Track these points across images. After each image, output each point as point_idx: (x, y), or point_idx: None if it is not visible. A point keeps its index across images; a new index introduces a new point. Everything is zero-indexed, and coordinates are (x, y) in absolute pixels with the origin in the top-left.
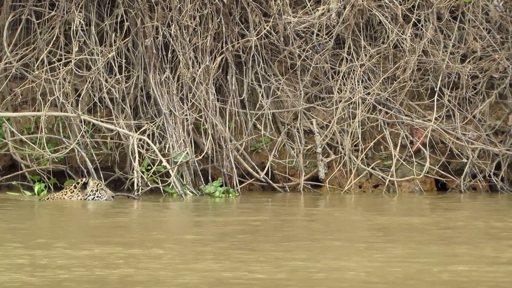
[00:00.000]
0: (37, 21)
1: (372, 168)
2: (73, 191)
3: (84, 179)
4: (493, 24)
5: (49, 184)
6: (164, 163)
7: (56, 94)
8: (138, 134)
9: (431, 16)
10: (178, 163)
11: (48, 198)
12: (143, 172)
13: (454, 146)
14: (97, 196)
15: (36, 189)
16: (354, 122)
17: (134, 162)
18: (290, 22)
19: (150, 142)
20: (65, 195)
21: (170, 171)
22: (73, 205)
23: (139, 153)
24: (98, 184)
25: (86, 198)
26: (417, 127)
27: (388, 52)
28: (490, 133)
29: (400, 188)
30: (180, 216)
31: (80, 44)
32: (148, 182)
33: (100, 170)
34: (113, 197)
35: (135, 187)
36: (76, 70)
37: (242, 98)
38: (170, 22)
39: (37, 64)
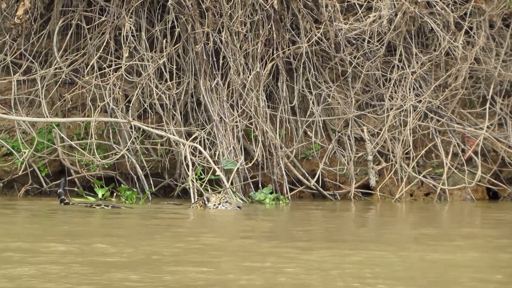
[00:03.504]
0: (87, 27)
1: (424, 176)
2: (201, 205)
3: (205, 196)
4: None
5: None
6: (218, 172)
7: (106, 100)
8: (190, 141)
9: (483, 23)
10: (233, 172)
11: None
12: (196, 180)
13: (506, 154)
14: (221, 209)
15: (100, 194)
16: (406, 129)
17: (188, 169)
18: (341, 29)
19: (202, 149)
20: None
21: (224, 179)
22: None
23: (190, 160)
24: (221, 198)
25: None
26: (469, 135)
27: (440, 60)
28: None
29: (451, 196)
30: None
31: (131, 49)
32: (202, 191)
33: (150, 176)
34: (239, 207)
35: (192, 196)
36: (126, 76)
37: (292, 105)
38: (221, 28)
39: (87, 69)
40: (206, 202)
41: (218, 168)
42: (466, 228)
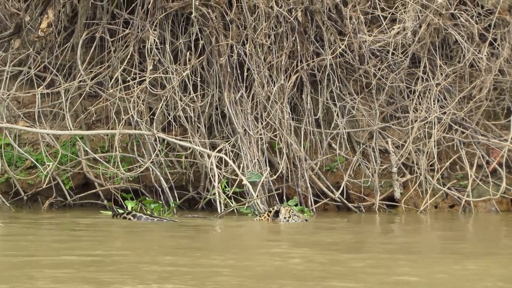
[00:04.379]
0: (111, 39)
1: (448, 188)
2: (268, 219)
3: (275, 207)
4: None
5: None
6: (245, 182)
7: (131, 112)
8: (216, 152)
9: (507, 35)
10: (258, 184)
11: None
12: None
13: None
14: (290, 222)
15: (129, 207)
16: (430, 141)
17: (214, 181)
18: (366, 41)
19: (229, 160)
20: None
21: (252, 191)
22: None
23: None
24: (290, 210)
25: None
26: (493, 147)
27: (464, 71)
28: None
29: (476, 208)
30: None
31: (155, 62)
32: (227, 203)
33: (174, 189)
34: (306, 220)
35: (219, 209)
36: (151, 88)
37: (317, 117)
38: (245, 41)
39: (111, 82)
40: (279, 214)
41: (245, 178)
42: None
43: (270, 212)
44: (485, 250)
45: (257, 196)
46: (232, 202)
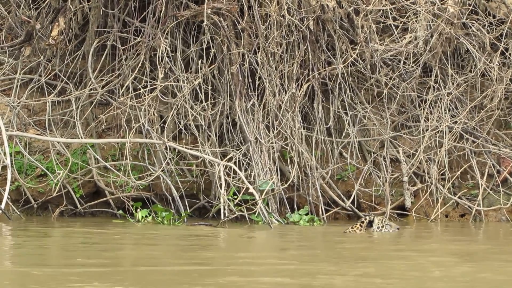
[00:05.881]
0: (122, 47)
1: (459, 197)
2: (360, 229)
3: (369, 217)
4: None
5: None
6: (251, 190)
7: (141, 121)
8: (225, 161)
9: None
10: (264, 193)
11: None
12: (229, 200)
13: None
14: (383, 231)
15: (139, 216)
16: (441, 151)
17: (221, 189)
18: (377, 50)
19: (237, 169)
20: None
21: (257, 196)
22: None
23: (225, 180)
24: (382, 219)
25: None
26: (504, 156)
27: (476, 81)
28: None
29: (486, 217)
30: None
31: (166, 70)
32: (234, 210)
33: (185, 197)
34: (398, 228)
35: (222, 215)
36: (162, 97)
37: (328, 126)
38: (257, 49)
39: (122, 90)
40: (373, 224)
41: (252, 187)
42: None
43: (362, 222)
44: None
45: (268, 204)
46: (242, 210)
